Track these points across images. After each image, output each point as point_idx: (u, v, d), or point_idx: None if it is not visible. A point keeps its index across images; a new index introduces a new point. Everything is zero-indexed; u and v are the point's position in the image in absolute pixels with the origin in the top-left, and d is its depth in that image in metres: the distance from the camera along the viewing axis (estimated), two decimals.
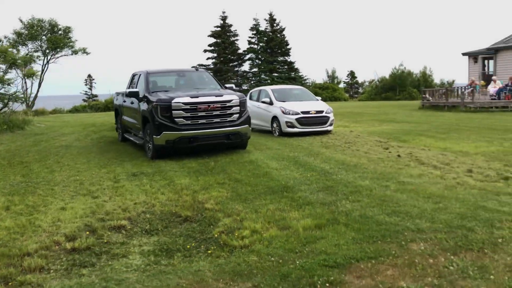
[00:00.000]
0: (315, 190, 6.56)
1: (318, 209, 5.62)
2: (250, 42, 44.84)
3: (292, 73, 44.45)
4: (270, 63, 44.00)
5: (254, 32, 44.55)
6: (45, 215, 5.89)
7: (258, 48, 44.67)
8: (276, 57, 44.67)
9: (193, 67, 12.56)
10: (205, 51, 44.93)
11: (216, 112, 9.73)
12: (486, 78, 26.52)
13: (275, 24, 44.76)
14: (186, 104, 9.47)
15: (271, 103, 14.10)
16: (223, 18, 44.52)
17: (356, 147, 10.57)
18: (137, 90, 10.68)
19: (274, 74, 44.15)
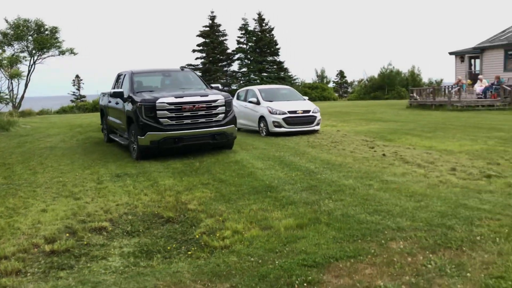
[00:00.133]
0: (299, 190, 6.56)
1: (301, 209, 5.62)
2: (239, 42, 44.78)
3: (282, 73, 44.47)
4: (259, 63, 43.97)
5: (243, 32, 44.48)
6: (25, 218, 5.80)
7: (247, 48, 44.58)
8: (265, 57, 44.64)
9: (181, 67, 12.47)
10: (194, 51, 44.83)
11: (202, 112, 9.68)
12: (473, 77, 26.76)
13: (264, 24, 44.74)
14: (171, 104, 9.41)
15: (258, 103, 14.09)
16: (212, 18, 44.41)
17: (342, 147, 10.59)
18: (122, 91, 10.59)
19: (264, 74, 44.15)
